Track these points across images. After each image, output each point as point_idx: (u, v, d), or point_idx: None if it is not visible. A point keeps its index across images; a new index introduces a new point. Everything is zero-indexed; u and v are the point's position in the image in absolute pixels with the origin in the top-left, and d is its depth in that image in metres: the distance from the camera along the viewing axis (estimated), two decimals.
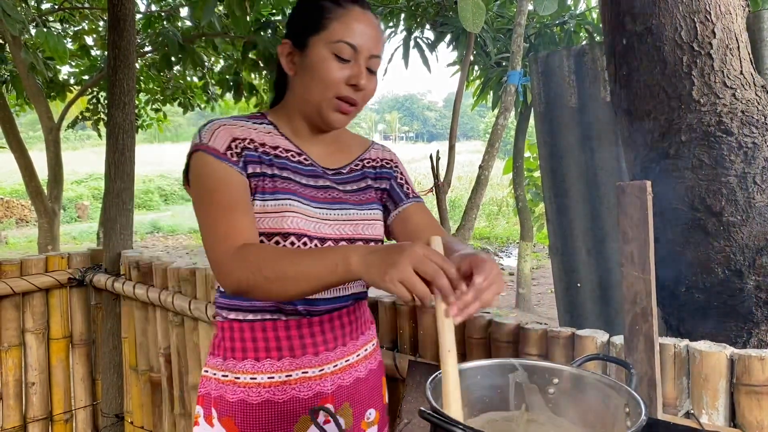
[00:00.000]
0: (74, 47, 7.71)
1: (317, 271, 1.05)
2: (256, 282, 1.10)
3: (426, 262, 0.93)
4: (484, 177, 3.96)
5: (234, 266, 1.12)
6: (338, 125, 1.32)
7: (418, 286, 0.93)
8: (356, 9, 1.27)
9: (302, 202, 1.28)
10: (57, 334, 2.81)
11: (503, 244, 14.30)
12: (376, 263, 0.97)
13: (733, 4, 1.51)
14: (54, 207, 7.26)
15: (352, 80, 1.25)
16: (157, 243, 15.31)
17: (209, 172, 1.23)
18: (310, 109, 1.30)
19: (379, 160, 1.48)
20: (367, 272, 0.99)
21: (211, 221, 1.20)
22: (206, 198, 1.22)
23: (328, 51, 1.24)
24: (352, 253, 1.02)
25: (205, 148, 1.24)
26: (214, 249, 1.17)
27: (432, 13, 5.30)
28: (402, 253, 0.94)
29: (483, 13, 2.40)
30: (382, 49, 1.32)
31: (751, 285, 1.39)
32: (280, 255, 1.11)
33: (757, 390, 1.18)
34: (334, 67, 1.24)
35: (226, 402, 1.31)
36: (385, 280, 0.94)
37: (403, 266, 0.93)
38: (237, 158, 1.24)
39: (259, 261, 1.10)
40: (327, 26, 1.25)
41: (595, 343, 1.36)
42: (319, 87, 1.25)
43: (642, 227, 1.20)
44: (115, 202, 2.87)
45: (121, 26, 2.80)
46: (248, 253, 1.13)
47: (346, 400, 1.39)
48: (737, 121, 1.41)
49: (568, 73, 2.52)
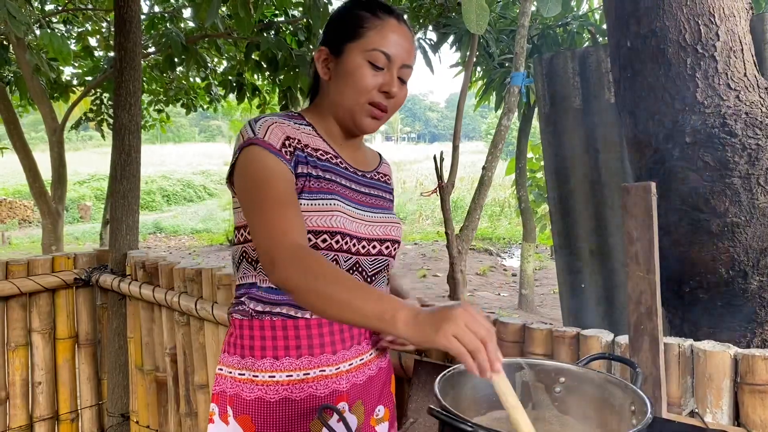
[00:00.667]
0: (78, 48, 7.73)
1: (365, 311, 1.05)
2: (306, 289, 1.10)
3: (477, 324, 0.96)
4: (488, 178, 3.96)
5: (291, 264, 1.12)
6: (370, 130, 1.37)
7: (471, 341, 0.95)
8: (392, 20, 1.32)
9: (345, 202, 1.32)
10: (63, 333, 2.83)
11: (506, 245, 14.30)
12: (428, 321, 0.99)
13: (736, 6, 1.52)
14: (58, 208, 7.28)
15: (384, 87, 1.30)
16: (159, 243, 15.33)
17: (265, 165, 1.25)
18: (343, 113, 1.34)
19: (387, 176, 1.56)
20: (417, 330, 1.00)
21: (266, 212, 1.20)
22: (262, 189, 1.23)
23: (363, 58, 1.29)
24: (401, 310, 1.02)
25: (260, 142, 1.26)
26: (271, 240, 1.17)
27: (435, 14, 5.31)
28: (456, 310, 0.98)
29: (487, 14, 2.41)
30: (414, 60, 1.36)
31: (755, 285, 1.40)
32: (338, 277, 1.10)
33: (760, 389, 1.19)
34: (368, 74, 1.29)
35: (243, 400, 1.33)
36: (440, 334, 0.96)
37: (458, 322, 0.96)
38: (290, 156, 1.28)
39: (318, 273, 1.10)
40: (363, 35, 1.30)
41: (600, 343, 1.37)
42: (353, 92, 1.30)
43: (647, 228, 1.22)
44: (121, 203, 2.89)
45: (127, 28, 2.82)
46: (310, 257, 1.13)
47: (360, 397, 1.41)
48: (741, 122, 1.42)
49: (572, 74, 2.53)
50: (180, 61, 6.26)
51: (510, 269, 11.08)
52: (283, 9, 6.45)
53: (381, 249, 1.39)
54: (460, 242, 3.81)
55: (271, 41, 5.71)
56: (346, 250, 1.31)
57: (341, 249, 1.30)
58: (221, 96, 8.65)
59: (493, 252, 13.19)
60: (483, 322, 0.97)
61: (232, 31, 6.16)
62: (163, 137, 26.05)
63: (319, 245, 1.28)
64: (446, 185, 3.63)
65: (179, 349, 2.53)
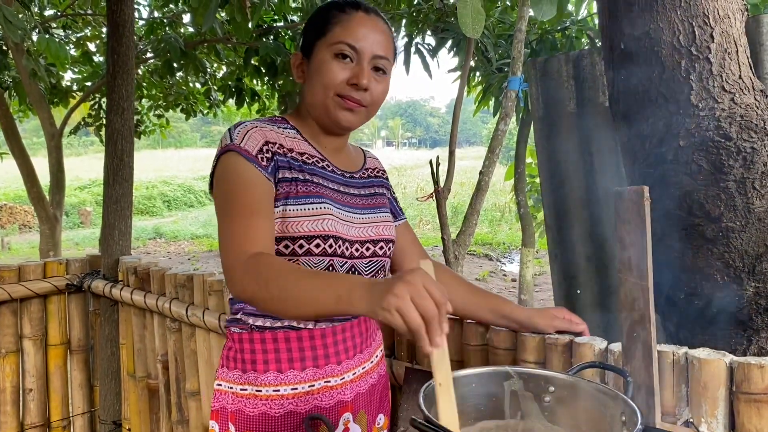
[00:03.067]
0: (77, 53, 7.73)
1: (321, 299, 1.02)
2: (260, 295, 1.08)
3: (424, 297, 0.90)
4: (485, 183, 3.94)
5: (243, 274, 1.11)
6: (347, 124, 1.33)
7: (413, 316, 0.89)
8: (359, 13, 1.30)
9: (334, 205, 1.31)
10: (55, 340, 2.80)
11: (506, 250, 14.27)
12: (376, 293, 0.94)
13: (731, 8, 1.49)
14: (56, 213, 7.27)
15: (353, 80, 1.27)
16: (159, 249, 15.31)
17: (238, 172, 1.23)
18: (318, 111, 1.32)
19: (378, 170, 1.54)
20: (368, 303, 0.95)
21: (229, 223, 1.19)
22: (230, 198, 1.22)
23: (329, 53, 1.28)
24: (355, 288, 0.98)
25: (236, 148, 1.24)
26: (228, 252, 1.17)
27: (433, 18, 5.30)
28: (401, 282, 0.91)
29: (482, 18, 2.39)
30: (391, 51, 1.34)
31: (751, 291, 1.37)
32: (289, 273, 1.07)
33: (756, 398, 1.16)
34: (335, 67, 1.27)
35: (246, 416, 1.29)
36: (383, 306, 0.90)
37: (402, 295, 0.90)
38: (267, 162, 1.25)
39: (269, 276, 1.08)
40: (329, 30, 1.29)
41: (593, 350, 1.34)
42: (322, 87, 1.28)
43: (640, 233, 1.19)
44: (114, 208, 2.87)
45: (120, 32, 2.80)
46: (259, 264, 1.11)
47: (363, 407, 1.40)
48: (736, 125, 1.39)
49: (566, 77, 2.51)
50: (179, 66, 6.26)
51: (510, 274, 11.05)
52: (282, 14, 6.45)
53: (375, 250, 1.37)
54: (457, 247, 3.78)
55: (270, 46, 5.71)
56: (340, 255, 1.29)
57: (335, 253, 1.28)
58: (221, 101, 8.64)
59: (493, 257, 13.16)
60: (433, 292, 0.91)
61: (231, 36, 6.15)
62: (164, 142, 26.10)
63: (313, 251, 1.25)
64: (442, 190, 3.60)
65: (171, 355, 2.50)
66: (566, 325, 1.41)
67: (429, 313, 0.90)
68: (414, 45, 5.49)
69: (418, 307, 0.89)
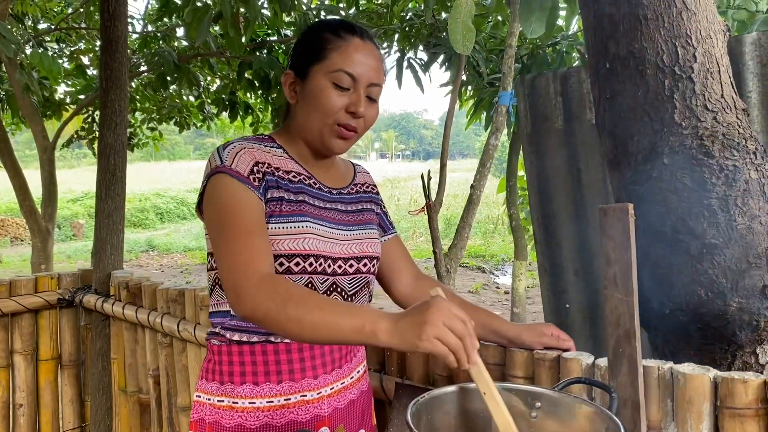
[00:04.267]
0: (70, 67, 7.74)
1: (341, 327, 1.05)
2: (276, 315, 1.09)
3: (454, 320, 0.99)
4: (476, 196, 3.96)
5: (258, 292, 1.12)
6: (339, 150, 1.37)
7: (452, 340, 0.98)
8: (356, 40, 1.32)
9: (318, 223, 1.32)
10: (46, 355, 2.80)
11: (499, 262, 14.28)
12: (408, 327, 1.00)
13: (714, 29, 1.53)
14: (48, 226, 7.23)
15: (351, 108, 1.30)
16: (152, 262, 15.24)
17: (231, 194, 1.24)
18: (312, 135, 1.34)
19: (368, 185, 1.55)
20: (400, 338, 1.01)
21: (231, 242, 1.20)
22: (228, 219, 1.22)
23: (327, 80, 1.29)
24: (380, 319, 1.03)
25: (227, 170, 1.26)
26: (236, 271, 1.17)
27: (425, 34, 5.34)
28: (431, 311, 0.99)
29: (473, 34, 2.42)
30: (383, 78, 1.37)
31: (735, 307, 1.39)
32: (308, 297, 1.11)
33: (740, 413, 1.17)
34: (334, 95, 1.29)
35: (223, 427, 1.30)
36: (422, 339, 0.98)
37: (437, 323, 0.98)
38: (258, 183, 1.27)
39: (286, 296, 1.09)
40: (327, 56, 1.30)
41: (581, 366, 1.36)
42: (319, 114, 1.30)
43: (624, 249, 1.21)
44: (106, 223, 2.87)
45: (113, 47, 2.83)
46: (277, 284, 1.13)
47: (341, 422, 1.40)
48: (718, 144, 1.42)
49: (554, 95, 2.55)
50: (173, 79, 6.27)
51: (503, 287, 11.05)
52: (276, 28, 6.48)
53: (358, 267, 1.38)
54: (449, 260, 3.80)
55: (264, 60, 5.74)
56: (321, 272, 1.30)
57: (315, 271, 1.29)
58: (214, 114, 8.65)
59: (486, 269, 13.16)
60: (459, 314, 0.99)
61: (225, 50, 6.19)
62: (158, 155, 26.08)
63: (293, 269, 1.27)
64: (434, 204, 3.62)
65: (162, 370, 2.50)
66: (554, 342, 1.43)
67: (462, 333, 0.99)
68: (406, 59, 5.53)
69: (452, 329, 0.98)
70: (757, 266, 1.39)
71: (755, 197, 1.40)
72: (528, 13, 2.32)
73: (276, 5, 4.75)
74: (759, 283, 1.39)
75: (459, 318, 0.99)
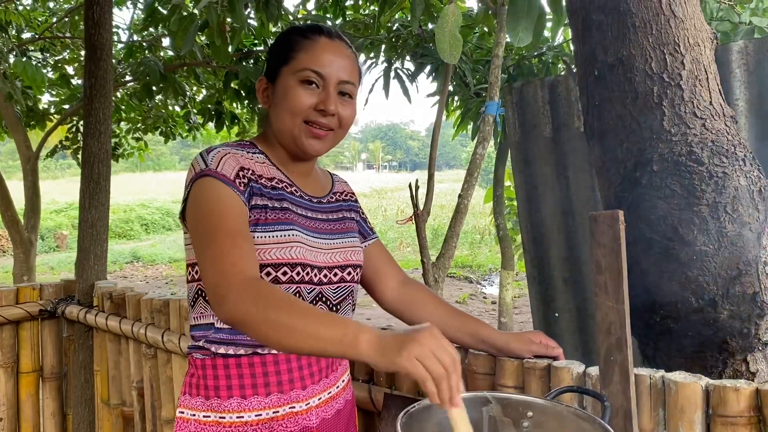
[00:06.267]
0: (55, 76, 7.67)
1: (322, 335, 1.02)
2: (258, 320, 1.06)
3: (445, 352, 0.95)
4: (464, 206, 3.95)
5: (242, 295, 1.09)
6: (314, 152, 1.34)
7: (436, 368, 0.93)
8: (322, 38, 1.32)
9: (303, 232, 1.30)
10: (27, 367, 2.74)
11: (486, 272, 14.29)
12: (391, 342, 0.97)
13: (701, 36, 1.53)
14: (30, 237, 7.15)
15: (320, 105, 1.29)
16: (136, 273, 15.10)
17: (217, 196, 1.22)
18: (285, 137, 1.33)
19: (346, 193, 1.54)
20: (380, 351, 0.98)
21: (216, 245, 1.16)
22: (213, 222, 1.19)
23: (294, 80, 1.29)
24: (363, 332, 1.00)
25: (213, 173, 1.24)
26: (221, 272, 1.13)
27: (412, 44, 5.35)
28: (423, 333, 0.96)
29: (460, 44, 2.43)
30: (356, 75, 1.36)
31: (725, 315, 1.39)
32: (291, 304, 1.07)
33: (732, 421, 1.16)
34: (301, 94, 1.28)
35: None
36: (402, 356, 0.94)
37: (424, 344, 0.94)
38: (244, 188, 1.25)
39: (270, 302, 1.06)
40: (294, 57, 1.30)
41: (571, 375, 1.34)
42: (288, 114, 1.29)
43: (615, 256, 1.20)
44: (90, 233, 2.83)
45: (97, 55, 2.80)
46: (261, 288, 1.10)
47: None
48: (707, 150, 1.42)
49: (542, 103, 2.55)
50: (158, 89, 6.22)
51: (490, 297, 11.05)
52: (262, 38, 6.47)
53: (343, 276, 1.36)
54: (437, 270, 3.78)
55: (250, 70, 5.73)
56: (308, 281, 1.28)
57: (303, 281, 1.27)
58: (200, 124, 8.61)
59: (473, 280, 13.17)
60: (449, 348, 0.95)
61: (211, 59, 6.16)
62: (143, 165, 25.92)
63: (280, 278, 1.24)
64: (422, 213, 3.61)
65: (146, 382, 2.46)
66: (543, 350, 1.41)
67: (450, 367, 0.94)
68: (393, 70, 5.54)
69: (439, 360, 0.94)
70: (747, 273, 1.38)
71: (745, 204, 1.40)
72: (515, 22, 2.33)
73: (263, 15, 4.74)
74: (750, 290, 1.39)
75: (449, 351, 0.95)
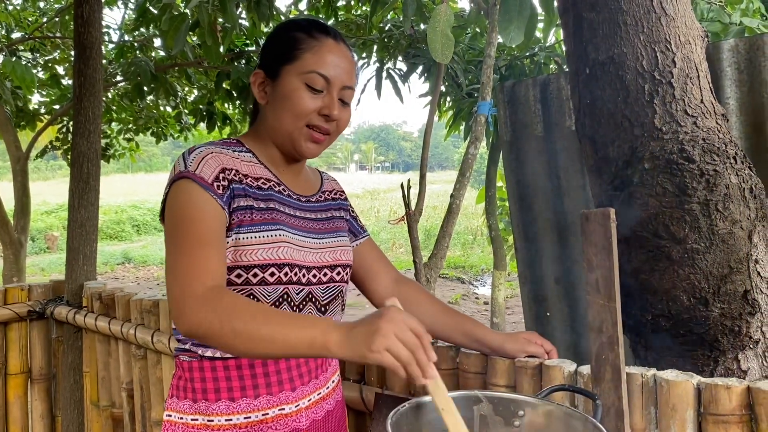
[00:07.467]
0: (45, 76, 7.62)
1: (291, 341, 1.02)
2: (220, 331, 1.04)
3: (406, 332, 0.95)
4: (456, 206, 3.96)
5: (200, 307, 1.07)
6: (310, 155, 1.33)
7: (403, 353, 0.94)
8: (329, 41, 1.29)
9: (291, 232, 1.28)
10: (15, 369, 2.72)
11: (478, 272, 14.31)
12: (358, 338, 0.97)
13: (692, 34, 1.53)
14: (20, 238, 7.10)
15: (324, 110, 1.26)
16: (128, 274, 15.03)
17: (191, 201, 1.19)
18: (282, 138, 1.30)
19: (335, 191, 1.52)
20: (351, 349, 0.98)
21: (181, 253, 1.15)
22: (181, 228, 1.17)
23: (300, 81, 1.26)
24: (330, 333, 1.00)
25: (191, 175, 1.20)
26: (180, 283, 1.12)
27: (404, 45, 5.35)
28: (382, 321, 0.96)
29: (452, 44, 2.42)
30: (355, 81, 1.34)
31: (717, 313, 1.39)
32: (256, 311, 1.06)
33: (724, 419, 1.16)
34: (306, 97, 1.26)
35: None
36: (372, 350, 0.94)
37: (387, 334, 0.94)
38: (223, 191, 1.21)
39: (232, 311, 1.05)
40: (299, 57, 1.27)
41: (563, 373, 1.34)
42: (291, 116, 1.26)
43: (606, 255, 1.19)
44: (79, 233, 2.81)
45: (87, 54, 2.77)
46: (221, 298, 1.08)
47: None
48: (699, 148, 1.42)
49: (533, 102, 2.55)
50: (149, 89, 6.19)
51: (482, 297, 11.07)
52: (254, 38, 6.45)
53: (332, 276, 1.35)
54: (429, 270, 3.78)
55: (242, 70, 5.70)
56: (296, 282, 1.26)
57: (291, 281, 1.25)
58: (192, 125, 8.58)
59: (465, 280, 13.19)
60: (413, 326, 0.96)
61: (203, 60, 6.14)
62: (134, 166, 25.82)
63: (268, 279, 1.22)
64: (414, 213, 3.61)
65: (136, 383, 2.44)
66: (538, 351, 1.41)
67: (414, 346, 0.95)
68: (385, 70, 5.54)
69: (403, 342, 0.95)
70: (738, 271, 1.38)
71: (736, 202, 1.40)
72: (507, 21, 2.32)
73: (254, 15, 4.72)
74: (741, 288, 1.39)
75: (412, 330, 0.95)
